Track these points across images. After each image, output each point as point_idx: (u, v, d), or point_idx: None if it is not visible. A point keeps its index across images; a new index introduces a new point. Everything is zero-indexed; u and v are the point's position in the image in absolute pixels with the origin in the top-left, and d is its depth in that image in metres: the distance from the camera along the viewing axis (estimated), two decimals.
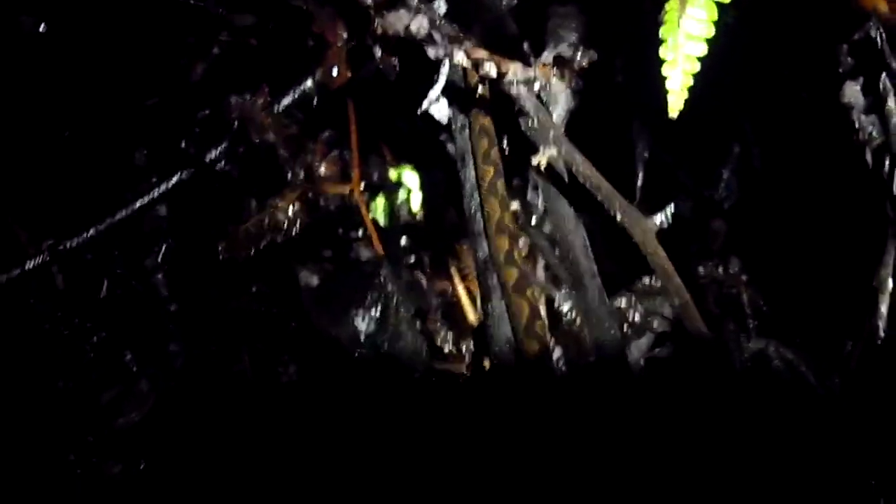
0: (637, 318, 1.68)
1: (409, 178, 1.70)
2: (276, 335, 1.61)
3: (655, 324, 1.69)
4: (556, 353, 1.49)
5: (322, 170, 1.56)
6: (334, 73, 1.46)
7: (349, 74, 1.45)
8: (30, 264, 1.67)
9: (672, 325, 1.69)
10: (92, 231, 1.65)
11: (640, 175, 1.68)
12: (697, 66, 1.05)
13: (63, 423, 1.67)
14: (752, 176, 1.71)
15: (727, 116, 1.68)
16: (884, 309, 1.42)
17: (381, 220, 1.66)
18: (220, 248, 1.49)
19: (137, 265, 1.72)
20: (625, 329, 1.67)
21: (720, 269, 1.69)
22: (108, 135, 1.76)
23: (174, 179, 1.65)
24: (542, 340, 1.28)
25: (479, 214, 1.39)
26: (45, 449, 1.65)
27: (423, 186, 1.69)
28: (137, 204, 1.67)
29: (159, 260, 1.75)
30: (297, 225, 1.54)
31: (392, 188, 1.68)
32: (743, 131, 1.72)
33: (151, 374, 1.66)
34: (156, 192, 1.65)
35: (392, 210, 1.67)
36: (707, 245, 1.71)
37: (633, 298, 1.68)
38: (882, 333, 1.44)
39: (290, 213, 1.55)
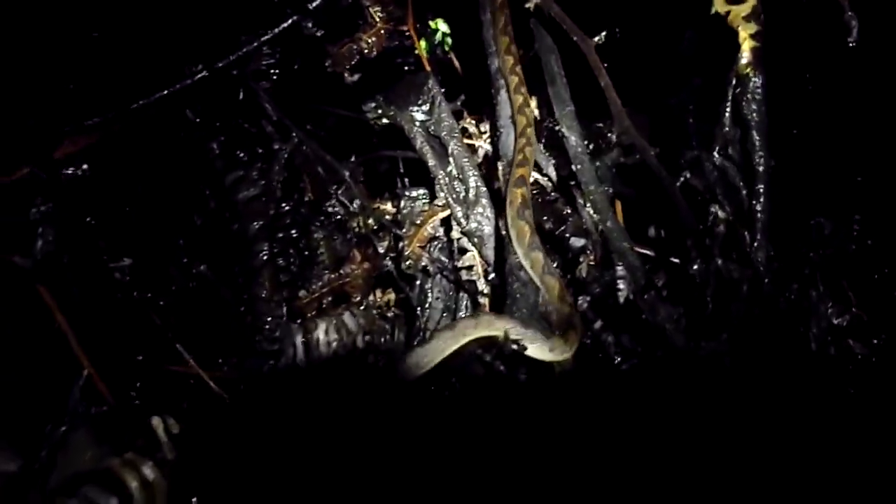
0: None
1: (443, 27, 2.56)
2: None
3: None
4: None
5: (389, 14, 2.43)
6: None
7: None
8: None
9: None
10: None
11: None
12: None
13: None
14: None
15: None
16: None
17: (425, 53, 2.53)
18: (326, 64, 2.36)
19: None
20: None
21: None
22: None
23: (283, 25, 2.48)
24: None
25: (493, 44, 2.27)
26: None
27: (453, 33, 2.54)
28: (254, 44, 2.46)
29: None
30: (374, 50, 2.41)
31: (433, 33, 2.54)
32: None
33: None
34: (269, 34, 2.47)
35: (432, 47, 2.54)
36: None
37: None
38: None
39: (370, 43, 2.42)
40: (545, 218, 2.31)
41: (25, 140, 2.16)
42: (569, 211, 2.33)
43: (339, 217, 2.65)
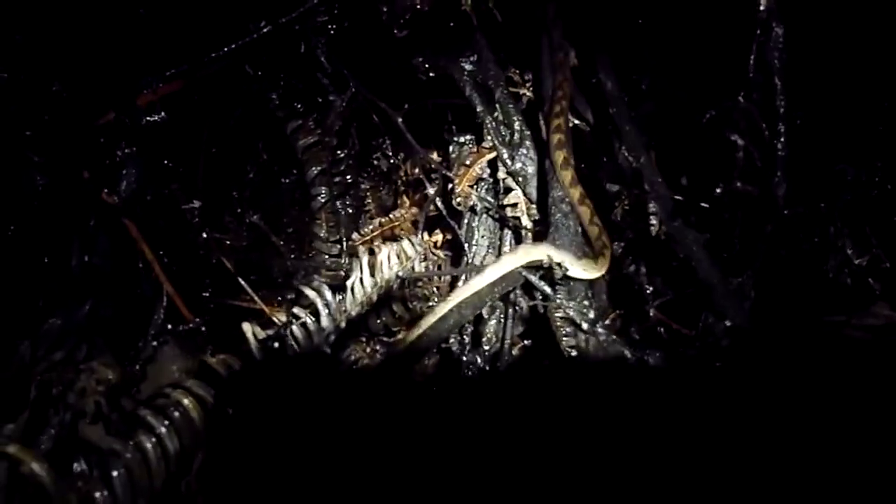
0: None
1: None
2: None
3: None
4: None
5: None
6: None
7: None
8: None
9: None
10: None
11: None
12: None
13: None
14: None
15: None
16: None
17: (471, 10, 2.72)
18: (383, 13, 2.56)
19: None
20: None
21: None
22: None
23: None
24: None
25: None
26: None
27: None
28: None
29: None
30: (426, 5, 2.60)
31: None
32: None
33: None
34: None
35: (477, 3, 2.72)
36: None
37: None
38: None
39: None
40: (583, 165, 2.47)
41: (111, 87, 2.36)
42: (605, 159, 2.52)
43: (383, 169, 2.86)
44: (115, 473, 1.64)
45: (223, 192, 2.74)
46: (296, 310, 1.97)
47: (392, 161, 2.89)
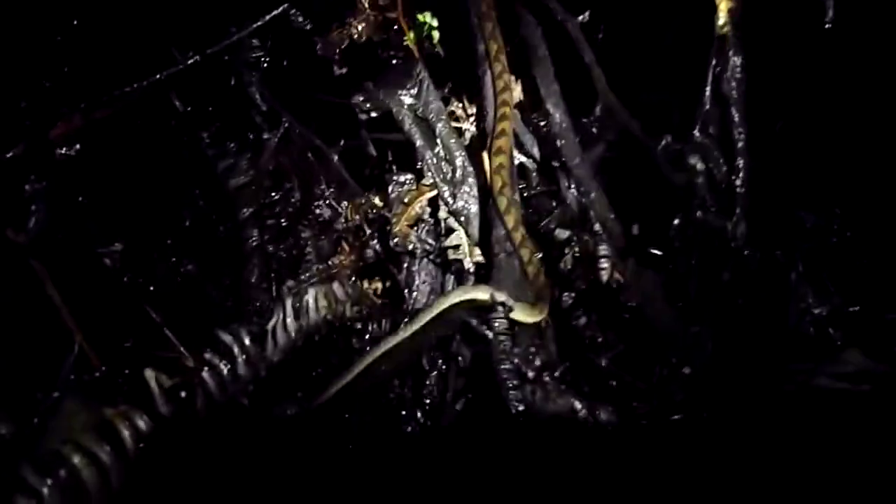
0: None
1: (432, 20, 2.62)
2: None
3: None
4: None
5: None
6: None
7: None
8: None
9: None
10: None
11: None
12: None
13: None
14: None
15: None
16: None
17: (413, 44, 2.59)
18: (317, 47, 2.42)
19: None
20: None
21: None
22: None
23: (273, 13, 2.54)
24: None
25: (477, 30, 2.33)
26: None
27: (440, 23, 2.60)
28: (245, 31, 2.52)
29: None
30: (364, 37, 2.47)
31: (421, 25, 2.60)
32: None
33: None
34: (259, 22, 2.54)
35: (420, 38, 2.60)
36: None
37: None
38: None
39: (359, 30, 2.49)
40: (530, 210, 2.37)
41: (21, 119, 2.18)
42: (553, 203, 2.37)
43: (325, 217, 2.69)
44: None
45: (147, 234, 2.48)
46: (207, 355, 1.76)
47: (334, 208, 2.65)
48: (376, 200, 2.52)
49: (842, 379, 1.85)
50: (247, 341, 1.84)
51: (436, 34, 2.50)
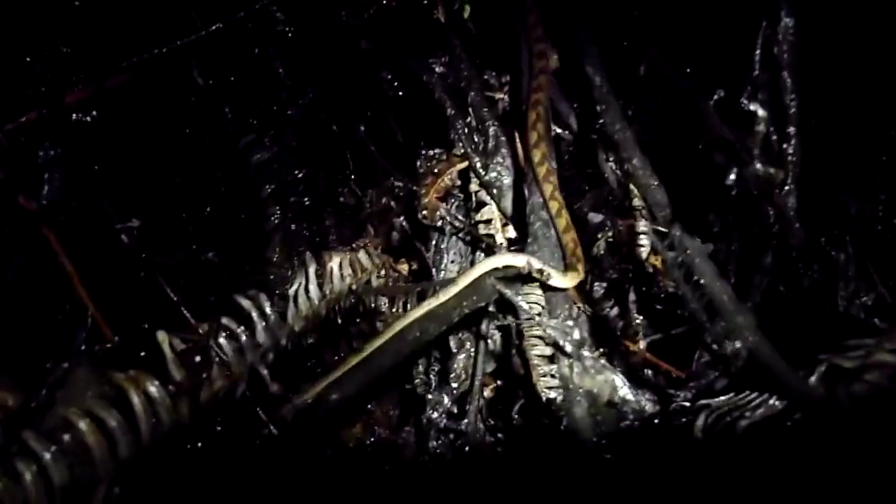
0: None
1: None
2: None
3: None
4: None
5: None
6: None
7: None
8: None
9: None
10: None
11: None
12: None
13: None
14: None
15: None
16: None
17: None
18: (342, 14, 2.31)
19: None
20: None
21: None
22: None
23: None
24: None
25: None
26: None
27: None
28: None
29: None
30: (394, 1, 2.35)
31: None
32: None
33: None
34: None
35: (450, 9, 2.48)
36: None
37: None
38: None
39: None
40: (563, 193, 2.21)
41: (36, 80, 2.08)
42: (586, 187, 2.26)
43: (350, 204, 2.58)
44: None
45: (165, 210, 2.38)
46: (224, 320, 1.64)
47: (358, 194, 2.56)
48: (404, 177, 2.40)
49: None
50: (266, 307, 1.70)
51: (467, 7, 2.37)
